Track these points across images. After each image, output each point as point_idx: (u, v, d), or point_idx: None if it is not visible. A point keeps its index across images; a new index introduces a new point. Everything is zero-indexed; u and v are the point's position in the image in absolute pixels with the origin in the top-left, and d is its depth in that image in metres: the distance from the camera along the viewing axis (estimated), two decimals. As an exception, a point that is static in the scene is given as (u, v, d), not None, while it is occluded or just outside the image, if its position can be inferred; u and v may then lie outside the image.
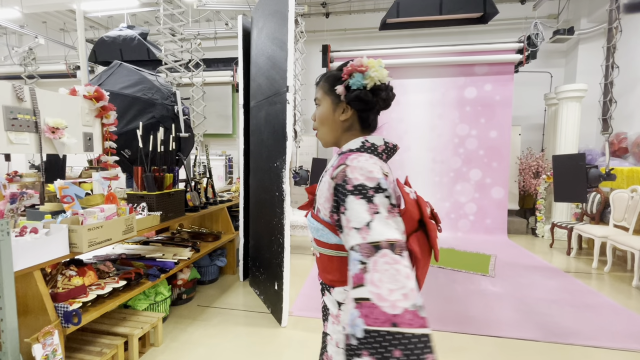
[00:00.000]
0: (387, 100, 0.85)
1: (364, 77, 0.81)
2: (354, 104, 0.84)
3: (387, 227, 0.68)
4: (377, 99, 0.83)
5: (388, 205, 0.71)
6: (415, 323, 0.60)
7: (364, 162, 0.75)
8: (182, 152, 3.13)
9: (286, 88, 2.40)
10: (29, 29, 6.15)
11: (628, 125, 4.88)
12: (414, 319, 0.60)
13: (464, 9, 4.13)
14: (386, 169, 0.80)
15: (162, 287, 2.51)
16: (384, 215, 0.69)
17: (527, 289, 3.25)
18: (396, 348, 0.59)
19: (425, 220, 0.77)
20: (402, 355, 0.59)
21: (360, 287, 0.64)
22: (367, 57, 0.83)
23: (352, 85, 0.82)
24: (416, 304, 0.62)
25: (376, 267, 0.64)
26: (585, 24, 5.55)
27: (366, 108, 0.84)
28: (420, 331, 0.60)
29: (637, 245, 3.30)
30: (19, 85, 1.74)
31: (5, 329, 1.36)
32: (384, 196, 0.71)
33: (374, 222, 0.68)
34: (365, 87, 0.82)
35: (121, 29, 5.11)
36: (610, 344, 2.31)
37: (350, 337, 0.63)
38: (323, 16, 6.31)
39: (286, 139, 2.44)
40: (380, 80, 0.82)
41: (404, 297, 0.62)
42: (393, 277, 0.63)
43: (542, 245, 4.91)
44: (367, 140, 0.84)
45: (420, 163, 5.66)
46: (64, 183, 2.01)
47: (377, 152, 0.82)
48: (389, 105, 0.87)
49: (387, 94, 0.84)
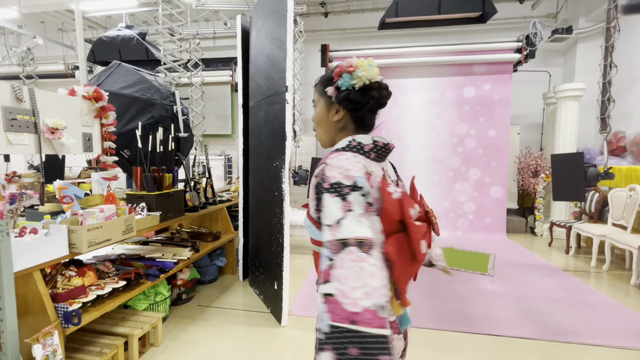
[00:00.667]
0: (380, 99, 0.84)
1: (352, 78, 0.82)
2: (344, 104, 0.84)
3: (358, 224, 0.68)
4: (367, 98, 0.83)
5: (364, 203, 0.72)
6: (374, 323, 0.61)
7: (343, 161, 0.76)
8: (181, 152, 3.13)
9: (285, 88, 2.40)
10: (27, 29, 6.13)
11: (626, 124, 4.89)
12: (372, 318, 0.61)
13: (462, 9, 4.13)
14: (373, 167, 0.79)
15: (162, 287, 2.51)
16: (357, 213, 0.70)
17: (526, 287, 3.26)
18: (353, 346, 0.60)
19: (406, 222, 0.75)
20: (358, 353, 0.60)
21: (327, 282, 0.65)
22: (358, 57, 0.84)
23: (341, 86, 0.83)
24: (377, 303, 0.62)
25: (342, 264, 0.65)
26: (584, 23, 5.56)
27: (357, 108, 0.84)
28: (377, 331, 0.61)
29: (635, 244, 3.31)
30: (18, 86, 1.74)
31: (5, 330, 1.36)
32: (359, 194, 0.72)
33: (345, 220, 0.69)
34: (354, 87, 0.82)
35: (120, 29, 5.09)
36: (609, 342, 2.32)
37: (319, 331, 0.64)
38: (322, 16, 6.31)
39: (285, 138, 2.44)
40: (369, 79, 0.82)
41: (365, 296, 0.62)
42: (357, 275, 0.64)
43: (540, 244, 4.93)
44: (354, 139, 0.83)
45: (420, 162, 5.67)
46: (63, 183, 2.01)
47: (364, 151, 0.82)
48: (383, 104, 0.86)
49: (380, 92, 0.84)
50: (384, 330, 0.62)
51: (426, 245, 0.76)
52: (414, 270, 0.77)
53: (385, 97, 0.85)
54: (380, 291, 0.64)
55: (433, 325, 2.53)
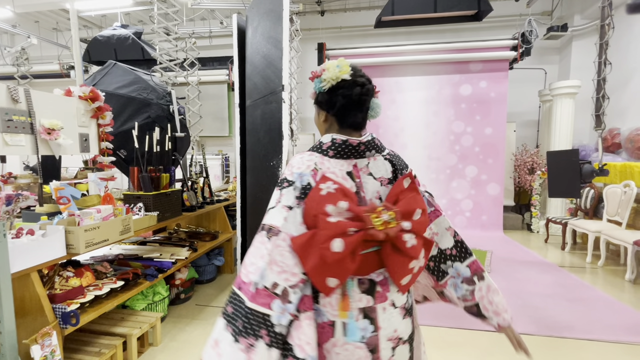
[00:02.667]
0: (351, 96, 0.85)
1: (320, 81, 0.86)
2: (319, 105, 0.91)
3: (277, 214, 0.79)
4: (335, 97, 0.86)
5: (293, 197, 0.80)
6: (249, 295, 0.74)
7: (296, 160, 0.85)
8: (178, 151, 3.13)
9: (282, 87, 2.40)
10: (21, 28, 6.08)
11: (621, 120, 4.93)
12: (255, 293, 0.74)
13: (458, 7, 4.14)
14: (328, 164, 0.83)
15: (160, 287, 2.51)
16: (282, 205, 0.80)
17: (523, 283, 3.29)
18: (230, 305, 0.76)
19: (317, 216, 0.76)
20: (230, 310, 0.75)
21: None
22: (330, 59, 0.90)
23: (315, 90, 0.90)
24: (257, 282, 0.74)
25: (253, 243, 0.80)
26: (579, 20, 5.59)
27: (328, 108, 0.88)
28: (252, 305, 0.73)
29: (630, 239, 3.34)
30: (14, 87, 1.73)
31: (4, 331, 1.36)
32: (292, 189, 0.80)
33: (272, 209, 0.81)
34: (323, 89, 0.87)
35: (115, 28, 5.06)
36: (604, 337, 2.34)
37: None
38: (318, 14, 6.30)
39: (282, 137, 2.45)
40: (333, 79, 0.84)
41: (253, 272, 0.76)
42: (254, 254, 0.78)
43: (537, 241, 4.96)
44: (320, 140, 0.89)
45: (416, 160, 5.68)
46: (59, 184, 2.00)
47: (321, 150, 0.86)
48: (361, 101, 0.86)
49: (350, 90, 0.84)
50: (261, 307, 0.72)
51: (343, 244, 0.73)
52: (331, 270, 0.75)
53: (360, 94, 0.85)
54: (263, 272, 0.74)
55: (431, 322, 2.55)
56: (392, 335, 0.85)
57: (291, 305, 0.75)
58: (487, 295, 0.94)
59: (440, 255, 0.96)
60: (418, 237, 0.82)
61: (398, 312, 0.87)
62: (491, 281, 0.96)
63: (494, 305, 0.95)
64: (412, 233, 0.81)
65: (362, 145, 0.86)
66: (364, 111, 0.89)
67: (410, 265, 0.83)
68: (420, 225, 0.84)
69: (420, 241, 0.83)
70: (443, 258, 0.96)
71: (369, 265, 0.83)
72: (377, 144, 0.90)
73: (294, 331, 0.76)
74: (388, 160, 0.90)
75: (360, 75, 0.87)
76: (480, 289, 0.94)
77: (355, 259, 0.77)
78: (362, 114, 0.89)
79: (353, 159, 0.86)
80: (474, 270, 0.94)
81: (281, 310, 0.74)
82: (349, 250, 0.75)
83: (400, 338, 0.86)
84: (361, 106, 0.87)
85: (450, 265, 0.95)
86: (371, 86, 0.88)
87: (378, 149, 0.89)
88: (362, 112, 0.88)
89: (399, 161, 0.93)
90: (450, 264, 0.95)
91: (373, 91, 0.89)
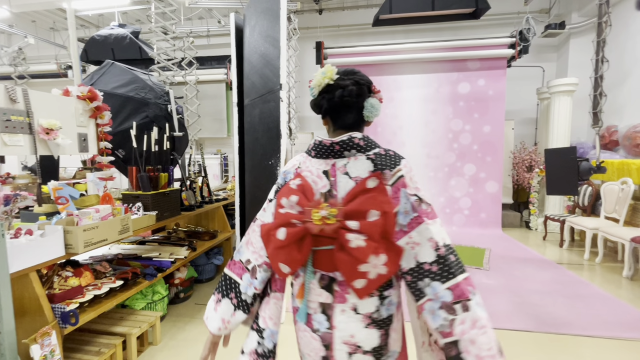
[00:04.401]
0: (332, 100, 0.88)
1: (312, 88, 0.92)
2: (313, 110, 0.96)
3: (264, 207, 0.97)
4: (321, 101, 0.91)
5: (273, 192, 0.97)
6: (229, 264, 0.98)
7: (289, 160, 0.97)
8: (177, 151, 3.13)
9: (279, 86, 2.41)
10: (18, 28, 6.06)
11: (619, 118, 4.94)
12: (230, 261, 0.99)
13: (456, 5, 4.14)
14: (309, 163, 0.91)
15: (160, 286, 2.52)
16: (268, 198, 0.98)
17: (521, 281, 3.30)
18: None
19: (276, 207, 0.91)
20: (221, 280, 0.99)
21: None
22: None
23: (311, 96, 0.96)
24: (235, 255, 0.98)
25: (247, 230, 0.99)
26: (576, 18, 5.60)
27: (319, 111, 0.93)
28: (226, 270, 0.98)
29: (627, 236, 3.36)
30: (12, 87, 1.73)
31: (3, 331, 1.36)
32: (276, 185, 0.97)
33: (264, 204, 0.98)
34: (314, 95, 0.93)
35: (112, 28, 5.05)
36: (601, 333, 2.36)
37: None
38: (316, 13, 6.30)
39: (280, 136, 2.45)
40: (318, 85, 0.89)
41: (237, 248, 0.99)
42: (245, 238, 0.98)
43: (535, 238, 4.98)
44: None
45: (415, 159, 5.69)
46: (58, 184, 2.01)
47: (308, 150, 0.94)
48: (338, 103, 0.88)
49: (332, 93, 0.88)
50: (234, 275, 0.95)
51: (286, 234, 0.82)
52: (280, 256, 0.85)
53: (342, 96, 0.87)
54: (242, 249, 0.97)
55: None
56: (349, 339, 0.84)
57: (256, 281, 0.92)
58: (470, 333, 0.73)
59: (418, 269, 0.79)
60: (369, 240, 0.77)
61: (359, 318, 0.83)
62: (480, 314, 0.75)
63: (477, 347, 0.73)
64: (359, 234, 0.77)
65: (336, 145, 0.87)
66: (353, 112, 0.89)
67: (361, 268, 0.78)
68: (373, 227, 0.77)
69: (372, 244, 0.77)
70: (421, 274, 0.79)
71: (327, 263, 0.84)
72: (357, 143, 0.86)
73: (264, 305, 0.95)
74: (370, 160, 0.85)
75: (346, 79, 0.88)
76: (463, 321, 0.74)
77: (303, 250, 0.82)
78: (351, 114, 0.90)
79: (332, 159, 0.88)
80: (457, 295, 0.75)
81: (248, 283, 0.93)
82: (291, 240, 0.82)
83: (358, 346, 0.84)
84: (347, 107, 0.89)
85: (428, 283, 0.78)
86: (355, 87, 0.87)
87: (360, 149, 0.86)
88: (350, 113, 0.89)
89: (385, 161, 0.85)
90: (428, 282, 0.78)
91: (360, 92, 0.88)
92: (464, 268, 0.79)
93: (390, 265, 0.79)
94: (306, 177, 0.88)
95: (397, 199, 0.81)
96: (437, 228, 0.80)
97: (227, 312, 0.93)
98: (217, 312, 0.94)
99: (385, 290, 0.85)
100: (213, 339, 0.95)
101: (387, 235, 0.79)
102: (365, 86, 0.89)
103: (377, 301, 0.84)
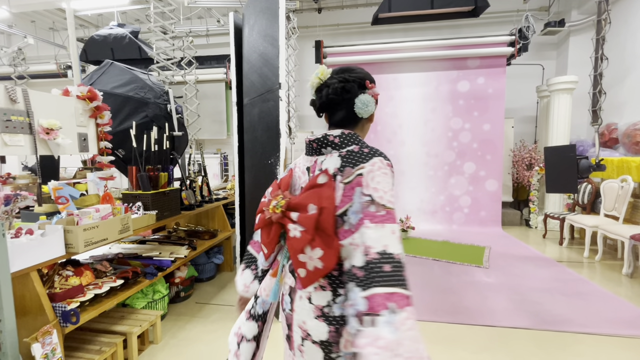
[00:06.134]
0: (321, 98, 0.93)
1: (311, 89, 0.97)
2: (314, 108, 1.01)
3: None
4: (314, 101, 0.96)
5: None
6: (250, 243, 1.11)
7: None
8: (176, 150, 3.13)
9: (278, 85, 2.41)
10: (17, 28, 6.06)
11: (618, 116, 4.94)
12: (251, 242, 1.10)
13: (455, 3, 4.15)
14: (301, 160, 0.97)
15: (160, 286, 2.53)
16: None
17: (521, 279, 3.31)
18: None
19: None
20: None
21: None
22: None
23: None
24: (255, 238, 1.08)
25: None
26: (576, 15, 5.59)
27: (315, 110, 0.98)
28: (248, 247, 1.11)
29: (627, 234, 3.36)
30: (12, 87, 1.73)
31: (4, 329, 1.37)
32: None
33: None
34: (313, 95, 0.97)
35: (112, 28, 5.05)
36: (601, 330, 2.37)
37: None
38: (315, 12, 6.29)
39: (279, 135, 2.45)
40: (313, 86, 0.95)
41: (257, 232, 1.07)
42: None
43: (535, 236, 4.99)
44: None
45: (415, 157, 5.69)
46: (58, 184, 2.01)
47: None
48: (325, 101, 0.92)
49: (320, 92, 0.93)
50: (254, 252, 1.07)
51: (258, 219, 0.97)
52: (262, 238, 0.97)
53: (327, 94, 0.91)
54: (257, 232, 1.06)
55: (429, 318, 2.57)
56: (302, 325, 0.88)
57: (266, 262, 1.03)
58: (368, 349, 0.66)
59: (349, 271, 0.76)
60: (305, 232, 0.80)
61: (311, 308, 0.85)
62: (385, 335, 0.65)
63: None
64: (298, 225, 0.82)
65: (314, 142, 0.91)
66: (342, 109, 0.91)
67: (300, 258, 0.81)
68: (308, 221, 0.79)
69: (306, 236, 0.79)
70: (350, 276, 0.76)
71: (291, 249, 0.86)
72: (331, 141, 0.88)
73: (265, 277, 1.05)
74: (341, 157, 0.85)
75: (335, 77, 0.91)
76: (367, 336, 0.67)
77: (270, 235, 0.92)
78: (341, 112, 0.92)
79: (315, 156, 0.92)
80: (370, 307, 0.68)
81: (262, 260, 1.04)
82: (260, 225, 0.95)
83: (309, 334, 0.85)
84: (335, 105, 0.92)
85: (351, 288, 0.74)
86: (340, 85, 0.88)
87: (335, 146, 0.88)
88: (340, 110, 0.92)
89: (353, 158, 0.83)
90: (352, 286, 0.74)
91: (347, 89, 0.89)
92: (399, 283, 0.69)
93: (326, 261, 0.79)
94: (294, 172, 0.97)
95: (349, 197, 0.78)
96: (379, 233, 0.73)
97: (248, 279, 1.07)
98: (242, 278, 1.08)
99: (340, 288, 0.83)
100: (241, 297, 1.12)
101: (325, 231, 0.79)
102: (355, 83, 0.89)
103: (329, 296, 0.84)
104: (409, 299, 0.69)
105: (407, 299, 0.69)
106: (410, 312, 0.67)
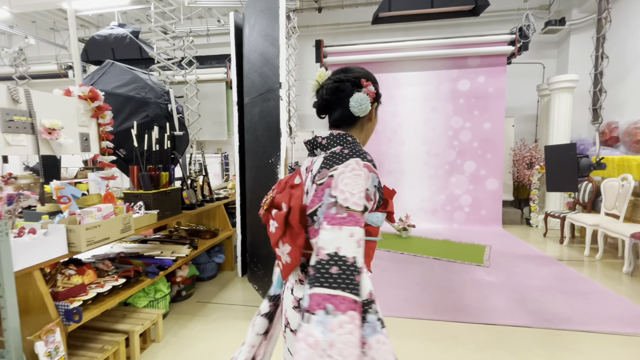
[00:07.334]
0: (318, 100, 0.97)
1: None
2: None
3: None
4: (315, 103, 0.99)
5: None
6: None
7: None
8: (177, 150, 3.14)
9: (279, 84, 2.42)
10: (18, 29, 6.08)
11: (619, 114, 4.94)
12: None
13: (455, 2, 4.14)
14: (305, 161, 0.98)
15: (162, 285, 2.54)
16: None
17: (521, 277, 3.32)
18: None
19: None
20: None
21: None
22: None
23: None
24: None
25: None
26: (577, 14, 5.58)
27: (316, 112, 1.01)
28: None
29: (627, 233, 3.37)
30: (14, 87, 1.74)
31: (8, 328, 1.38)
32: None
33: None
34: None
35: (112, 28, 5.06)
36: (601, 329, 2.37)
37: None
38: (315, 11, 6.29)
39: (280, 135, 2.46)
40: (312, 88, 0.99)
41: None
42: None
43: (536, 235, 4.99)
44: None
45: (415, 156, 5.70)
46: (60, 184, 2.02)
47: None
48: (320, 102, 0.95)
49: (318, 95, 0.97)
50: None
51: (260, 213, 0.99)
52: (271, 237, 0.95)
53: (322, 95, 0.94)
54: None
55: (430, 316, 2.58)
56: (285, 313, 0.93)
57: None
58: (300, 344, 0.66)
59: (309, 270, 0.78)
60: (278, 229, 0.86)
61: (292, 299, 0.91)
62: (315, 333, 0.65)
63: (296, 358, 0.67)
64: (274, 221, 0.89)
65: (307, 144, 0.96)
66: (338, 109, 0.93)
67: (277, 252, 0.90)
68: (279, 218, 0.85)
69: (279, 232, 0.86)
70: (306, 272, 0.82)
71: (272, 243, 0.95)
72: (320, 142, 0.93)
73: None
74: (324, 158, 0.87)
75: (331, 77, 0.94)
76: (302, 330, 0.67)
77: (268, 228, 0.94)
78: (336, 112, 0.94)
79: (313, 156, 0.96)
80: (310, 305, 0.68)
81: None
82: (263, 220, 0.97)
83: (288, 322, 0.91)
84: (331, 105, 0.94)
85: (305, 284, 0.76)
86: (334, 85, 0.90)
87: (323, 148, 0.92)
88: (335, 110, 0.94)
89: (332, 160, 0.84)
90: (306, 282, 0.75)
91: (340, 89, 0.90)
92: (344, 287, 0.68)
93: (292, 257, 0.85)
94: (300, 172, 0.98)
95: (319, 198, 0.80)
96: (333, 235, 0.73)
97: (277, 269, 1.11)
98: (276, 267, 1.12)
99: None
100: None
101: (294, 228, 0.83)
102: (350, 82, 0.90)
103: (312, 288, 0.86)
104: (354, 304, 0.67)
105: (351, 304, 0.67)
106: (352, 316, 0.66)
